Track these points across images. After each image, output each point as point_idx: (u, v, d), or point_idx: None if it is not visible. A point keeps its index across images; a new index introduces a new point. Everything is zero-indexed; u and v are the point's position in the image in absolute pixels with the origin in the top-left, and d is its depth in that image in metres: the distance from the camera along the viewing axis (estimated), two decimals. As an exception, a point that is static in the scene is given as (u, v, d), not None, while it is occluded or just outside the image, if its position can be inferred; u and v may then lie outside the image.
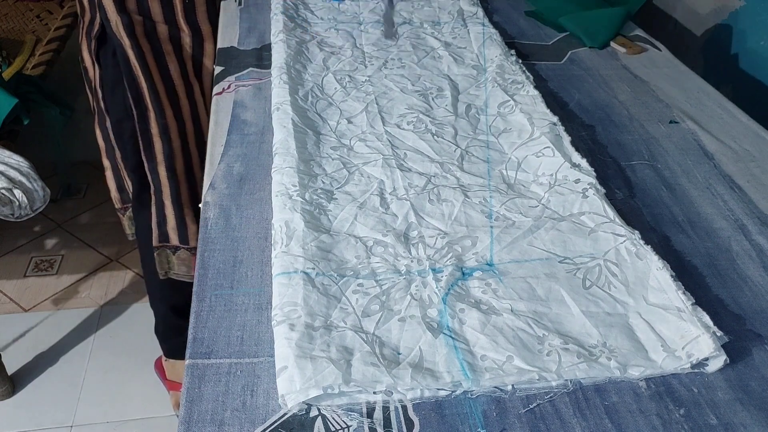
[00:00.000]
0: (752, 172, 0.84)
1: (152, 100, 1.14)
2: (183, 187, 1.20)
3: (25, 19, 2.09)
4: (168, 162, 1.17)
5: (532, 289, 0.63)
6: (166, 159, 1.17)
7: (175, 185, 1.19)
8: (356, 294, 0.62)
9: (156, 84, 1.13)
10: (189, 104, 1.18)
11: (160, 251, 1.24)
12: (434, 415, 0.53)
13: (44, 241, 1.93)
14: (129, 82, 1.13)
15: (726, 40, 1.27)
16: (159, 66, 1.14)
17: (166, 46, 1.14)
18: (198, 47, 1.17)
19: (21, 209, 1.20)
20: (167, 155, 1.17)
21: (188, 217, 1.22)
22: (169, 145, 1.16)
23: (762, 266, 0.69)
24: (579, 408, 0.54)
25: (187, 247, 1.24)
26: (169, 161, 1.17)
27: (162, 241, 1.23)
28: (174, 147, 1.17)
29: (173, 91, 1.16)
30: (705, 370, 0.57)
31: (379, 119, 0.88)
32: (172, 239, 1.23)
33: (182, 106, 1.17)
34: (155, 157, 1.17)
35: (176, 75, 1.15)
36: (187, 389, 0.54)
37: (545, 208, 0.74)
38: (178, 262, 1.25)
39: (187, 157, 1.19)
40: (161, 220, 1.22)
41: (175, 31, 1.14)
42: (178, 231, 1.22)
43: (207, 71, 1.19)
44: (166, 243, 1.23)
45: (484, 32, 1.12)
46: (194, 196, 1.21)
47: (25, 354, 1.59)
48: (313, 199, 0.73)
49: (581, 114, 0.96)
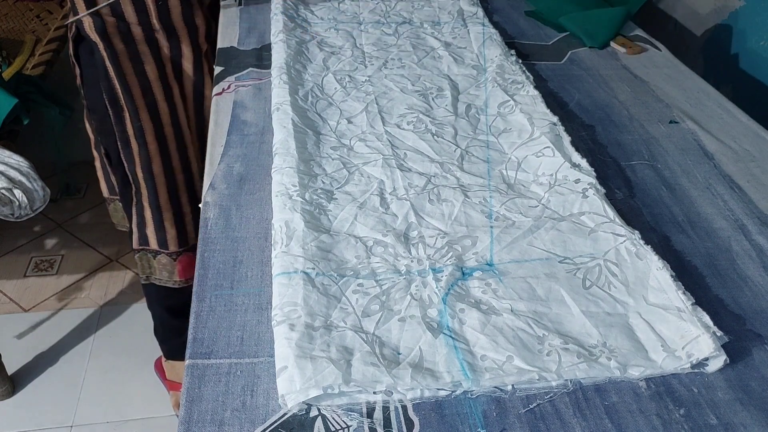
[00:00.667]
0: (752, 172, 0.84)
1: (127, 102, 1.11)
2: (161, 190, 1.17)
3: (25, 19, 2.09)
4: (145, 164, 1.15)
5: (532, 289, 0.63)
6: (142, 161, 1.15)
7: (153, 188, 1.17)
8: (356, 294, 0.62)
9: (130, 85, 1.11)
10: (168, 107, 1.15)
11: (141, 254, 1.23)
12: (434, 415, 0.53)
13: (44, 241, 1.93)
14: (104, 82, 1.11)
15: (726, 40, 1.27)
16: (134, 67, 1.11)
17: (142, 47, 1.11)
18: (175, 49, 1.14)
19: (21, 209, 1.19)
20: (143, 157, 1.15)
21: (167, 222, 1.19)
22: (146, 148, 1.14)
23: (762, 266, 0.69)
24: (579, 408, 0.54)
25: (167, 252, 1.22)
26: (146, 163, 1.15)
27: (142, 244, 1.22)
28: (150, 149, 1.14)
29: (150, 93, 1.13)
30: (705, 370, 0.57)
31: (379, 119, 0.88)
32: (151, 243, 1.21)
33: (160, 109, 1.14)
34: (134, 159, 1.15)
35: (153, 77, 1.13)
36: (187, 389, 0.54)
37: (545, 208, 0.74)
38: (159, 267, 1.23)
39: (166, 160, 1.17)
40: (140, 222, 1.20)
41: (150, 33, 1.11)
42: (156, 235, 1.20)
43: (186, 75, 1.16)
44: (146, 246, 1.22)
45: (484, 32, 1.12)
46: (174, 200, 1.19)
47: (25, 354, 1.59)
48: (313, 199, 0.73)
49: (581, 114, 0.96)
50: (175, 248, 1.21)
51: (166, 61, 1.14)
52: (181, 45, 1.14)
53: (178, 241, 1.21)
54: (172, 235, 1.20)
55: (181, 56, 1.15)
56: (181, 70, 1.16)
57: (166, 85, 1.14)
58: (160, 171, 1.16)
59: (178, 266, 1.23)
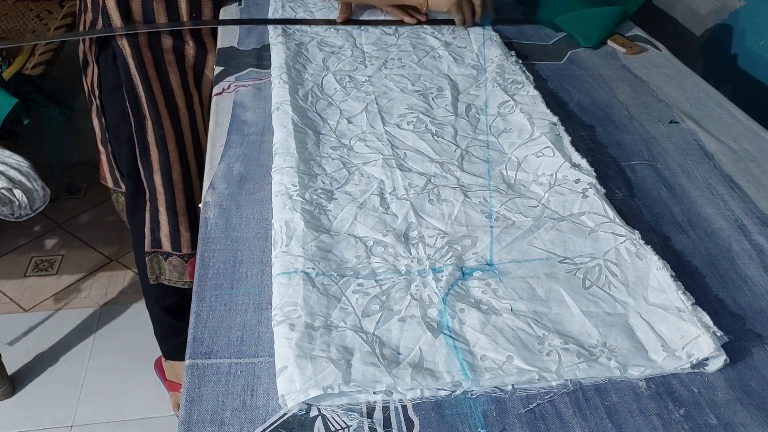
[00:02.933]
0: (752, 172, 0.84)
1: (150, 110, 1.12)
2: (179, 195, 1.19)
3: (25, 19, 2.09)
4: (164, 171, 1.16)
5: (532, 289, 0.63)
6: (163, 168, 1.16)
7: (171, 194, 1.18)
8: (356, 294, 0.62)
9: (155, 94, 1.12)
10: (188, 114, 1.17)
11: (152, 256, 1.24)
12: (434, 415, 0.53)
13: (44, 241, 1.93)
14: (128, 90, 1.12)
15: (726, 40, 1.27)
16: (160, 76, 1.12)
17: (169, 56, 1.12)
18: (201, 59, 1.16)
19: (21, 209, 1.19)
20: (164, 165, 1.16)
21: (182, 225, 1.21)
22: (166, 155, 1.15)
23: (762, 266, 0.69)
24: (579, 408, 0.54)
25: (179, 254, 1.23)
26: (165, 170, 1.16)
27: (154, 246, 1.23)
28: (171, 157, 1.16)
29: (173, 102, 1.15)
30: (705, 370, 0.57)
31: (379, 119, 0.88)
32: (164, 245, 1.22)
33: (181, 117, 1.16)
34: (151, 166, 1.16)
35: (176, 85, 1.14)
36: (187, 389, 0.54)
37: (545, 208, 0.74)
38: (169, 268, 1.24)
39: (185, 166, 1.18)
40: (155, 226, 1.21)
41: (179, 43, 1.13)
42: (171, 238, 1.21)
43: (207, 80, 1.18)
44: (158, 249, 1.23)
45: (484, 32, 1.12)
46: (191, 205, 1.20)
47: (25, 354, 1.59)
48: (313, 199, 0.73)
49: (581, 114, 0.95)
50: (188, 250, 1.22)
51: (189, 69, 1.15)
52: (207, 55, 1.16)
53: (192, 243, 1.22)
54: (186, 238, 1.21)
55: (204, 65, 1.16)
56: (201, 77, 1.17)
57: (187, 92, 1.16)
58: (179, 178, 1.17)
59: (189, 268, 1.24)
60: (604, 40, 1.16)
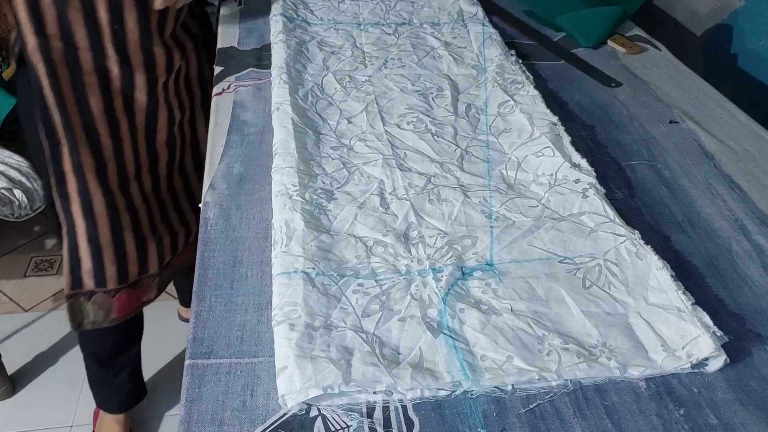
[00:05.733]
0: (752, 172, 0.84)
1: (66, 134, 0.99)
2: (102, 228, 1.06)
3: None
4: (84, 201, 1.04)
5: (532, 289, 0.63)
6: (82, 198, 1.04)
7: (93, 226, 1.06)
8: (356, 294, 0.62)
9: (71, 116, 0.99)
10: (112, 142, 1.04)
11: (72, 300, 1.10)
12: (434, 415, 0.53)
13: (44, 241, 1.93)
14: (41, 113, 0.99)
15: (726, 40, 1.27)
16: (77, 98, 0.99)
17: (89, 78, 0.98)
18: (127, 78, 1.01)
19: (21, 209, 1.19)
20: (83, 194, 1.04)
21: (107, 260, 1.08)
22: (85, 185, 1.03)
23: (762, 266, 0.69)
24: (579, 408, 0.54)
25: (104, 290, 1.10)
26: (84, 200, 1.04)
27: (74, 287, 1.09)
28: (90, 187, 1.03)
29: (92, 128, 1.01)
30: (705, 370, 0.57)
31: (379, 119, 0.88)
32: (86, 284, 1.09)
33: (103, 144, 1.03)
34: (68, 196, 1.04)
35: (97, 111, 1.00)
36: (187, 389, 0.54)
37: (545, 208, 0.74)
38: (93, 309, 1.12)
39: (109, 198, 1.05)
40: (75, 264, 1.08)
41: (100, 61, 0.98)
42: (94, 273, 1.08)
43: (139, 106, 1.04)
44: (79, 289, 1.10)
45: (484, 32, 1.12)
46: (118, 238, 1.08)
47: (25, 354, 1.59)
48: (313, 199, 0.73)
49: (581, 114, 0.96)
50: (114, 285, 1.11)
51: (115, 94, 1.02)
52: (134, 74, 1.01)
53: (118, 278, 1.11)
54: (112, 273, 1.09)
55: (133, 87, 1.03)
56: (132, 102, 1.04)
57: (112, 119, 1.03)
58: (102, 209, 1.05)
59: (116, 303, 1.13)
60: (604, 40, 1.17)
